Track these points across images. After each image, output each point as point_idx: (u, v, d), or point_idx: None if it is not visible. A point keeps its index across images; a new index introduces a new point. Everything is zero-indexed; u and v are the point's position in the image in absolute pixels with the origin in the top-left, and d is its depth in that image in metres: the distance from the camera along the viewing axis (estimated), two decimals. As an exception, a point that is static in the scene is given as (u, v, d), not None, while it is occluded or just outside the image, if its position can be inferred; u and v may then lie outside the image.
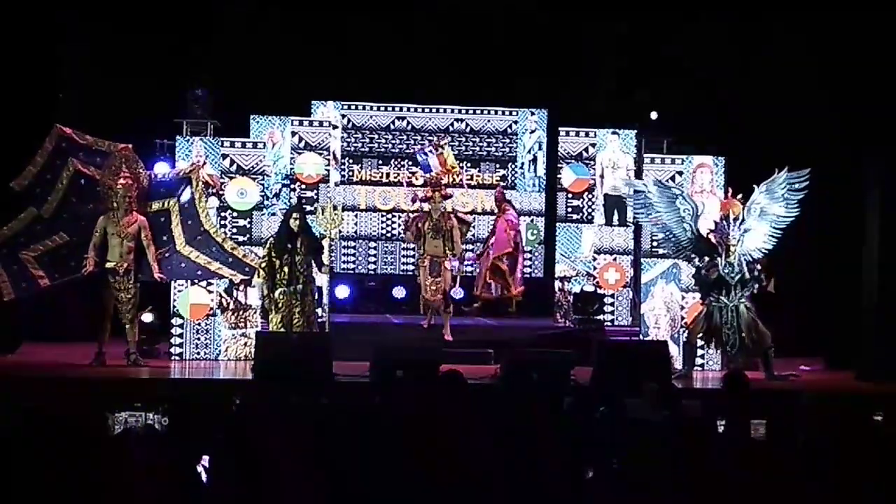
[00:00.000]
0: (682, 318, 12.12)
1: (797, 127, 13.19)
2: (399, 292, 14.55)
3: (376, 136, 14.89)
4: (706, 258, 11.22)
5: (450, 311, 12.21)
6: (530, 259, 14.79)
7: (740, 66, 13.64)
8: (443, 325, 12.08)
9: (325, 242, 11.24)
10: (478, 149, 14.97)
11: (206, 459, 4.97)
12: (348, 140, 14.80)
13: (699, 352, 11.64)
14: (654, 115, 13.81)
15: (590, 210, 13.44)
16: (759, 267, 11.22)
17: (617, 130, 13.49)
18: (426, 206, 12.39)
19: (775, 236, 11.39)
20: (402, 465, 5.31)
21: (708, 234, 11.33)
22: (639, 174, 13.02)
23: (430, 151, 13.39)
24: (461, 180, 13.91)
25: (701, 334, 11.32)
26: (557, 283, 13.45)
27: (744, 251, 11.20)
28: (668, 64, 13.73)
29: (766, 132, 13.43)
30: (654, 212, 11.39)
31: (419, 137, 14.84)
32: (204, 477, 4.87)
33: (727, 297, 11.11)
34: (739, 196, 11.26)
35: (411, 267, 14.08)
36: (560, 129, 13.70)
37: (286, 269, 10.84)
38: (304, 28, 13.94)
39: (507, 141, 14.97)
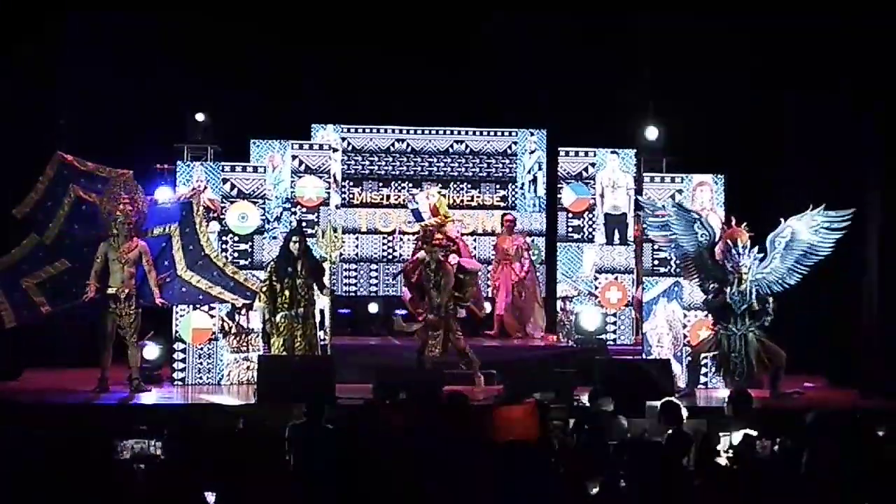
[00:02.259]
0: (685, 335, 12.10)
1: (795, 144, 13.24)
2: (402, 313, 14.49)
3: (376, 159, 14.90)
4: (716, 284, 11.16)
5: (473, 359, 11.41)
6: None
7: (738, 84, 13.68)
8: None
9: (326, 265, 11.24)
10: (478, 170, 14.98)
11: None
12: (348, 163, 14.82)
13: (703, 370, 11.62)
14: (652, 135, 13.84)
15: (590, 229, 13.44)
16: (771, 300, 11.12)
17: (616, 150, 13.50)
18: (422, 255, 11.70)
19: (801, 272, 11.18)
20: (404, 483, 5.31)
21: (721, 261, 11.25)
22: (639, 193, 13.03)
23: (423, 199, 13.36)
24: (456, 229, 13.50)
25: (709, 356, 11.30)
26: (559, 303, 13.43)
27: (762, 284, 11.06)
28: (668, 83, 13.76)
29: (766, 150, 13.48)
30: (671, 233, 11.35)
31: (419, 159, 14.87)
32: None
33: (735, 325, 11.06)
34: (744, 224, 11.21)
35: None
36: (560, 148, 13.71)
37: (287, 292, 10.85)
38: (302, 52, 13.98)
39: (507, 161, 14.99)
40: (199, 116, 13.29)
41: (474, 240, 14.52)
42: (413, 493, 5.29)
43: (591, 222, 13.44)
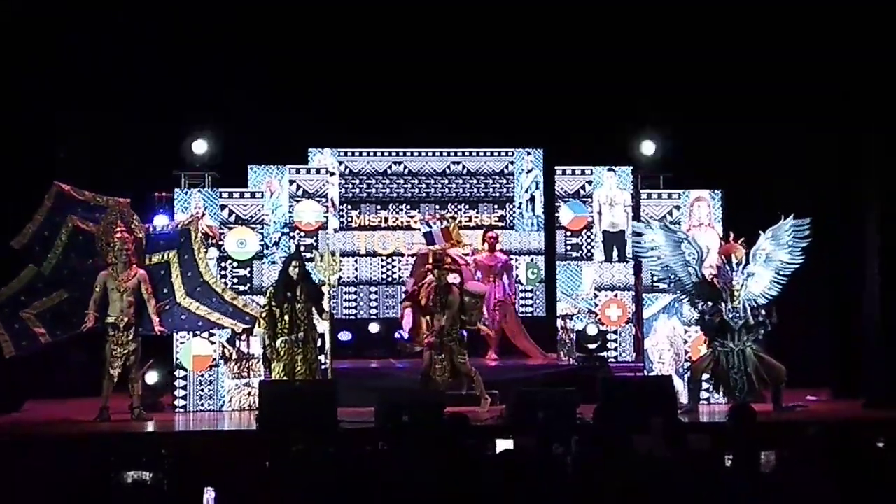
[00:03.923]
0: (687, 352, 12.08)
1: (796, 158, 13.23)
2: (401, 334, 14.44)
3: (374, 182, 14.93)
4: (710, 303, 11.20)
5: (479, 381, 11.26)
6: (532, 298, 14.81)
7: (733, 97, 13.67)
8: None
9: (325, 289, 11.23)
10: (475, 190, 15.00)
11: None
12: (346, 186, 14.84)
13: (704, 385, 11.60)
14: (649, 150, 13.83)
15: (589, 247, 13.45)
16: (763, 312, 11.17)
17: (613, 167, 13.51)
18: (430, 278, 11.46)
19: (780, 283, 11.35)
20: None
21: (711, 278, 11.30)
22: (637, 210, 13.05)
23: (436, 223, 13.33)
24: (466, 255, 13.40)
25: (707, 375, 11.31)
26: (560, 322, 13.42)
27: (749, 296, 11.16)
28: (660, 98, 13.76)
29: (764, 165, 13.46)
30: (660, 254, 11.38)
31: (417, 181, 14.89)
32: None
33: (733, 341, 11.09)
34: (742, 240, 11.24)
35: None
36: (556, 167, 13.73)
37: (287, 317, 10.84)
38: (298, 76, 13.99)
39: (504, 181, 15.02)
40: (197, 143, 13.31)
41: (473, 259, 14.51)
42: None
43: (589, 240, 13.45)
